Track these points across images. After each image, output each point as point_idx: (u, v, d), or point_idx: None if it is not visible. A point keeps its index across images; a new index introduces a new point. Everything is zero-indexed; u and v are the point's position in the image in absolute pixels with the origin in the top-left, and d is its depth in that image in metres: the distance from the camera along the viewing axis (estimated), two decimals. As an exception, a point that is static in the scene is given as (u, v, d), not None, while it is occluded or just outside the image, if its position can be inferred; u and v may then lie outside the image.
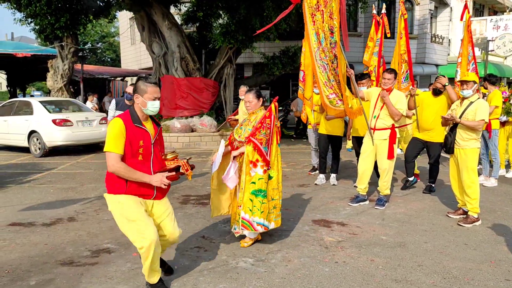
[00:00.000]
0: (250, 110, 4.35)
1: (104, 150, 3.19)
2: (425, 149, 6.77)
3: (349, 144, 11.53)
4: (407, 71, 7.22)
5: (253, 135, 4.16)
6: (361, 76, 6.82)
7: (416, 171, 7.51)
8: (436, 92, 6.43)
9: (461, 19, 7.78)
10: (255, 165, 4.15)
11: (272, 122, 4.23)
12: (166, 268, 3.78)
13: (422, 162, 8.32)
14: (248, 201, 4.17)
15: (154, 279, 3.42)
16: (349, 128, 7.24)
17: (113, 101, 6.77)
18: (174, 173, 3.36)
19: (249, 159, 4.15)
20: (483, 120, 5.11)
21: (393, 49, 7.84)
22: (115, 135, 3.15)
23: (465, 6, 7.71)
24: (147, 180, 3.25)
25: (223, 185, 4.42)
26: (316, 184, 7.40)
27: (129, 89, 6.49)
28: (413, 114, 6.89)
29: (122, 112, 6.24)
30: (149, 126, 3.36)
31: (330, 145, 7.44)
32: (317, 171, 8.24)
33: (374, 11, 8.38)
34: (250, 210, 4.17)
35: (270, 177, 4.28)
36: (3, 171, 8.88)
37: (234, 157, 4.30)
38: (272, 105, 4.27)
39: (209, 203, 6.16)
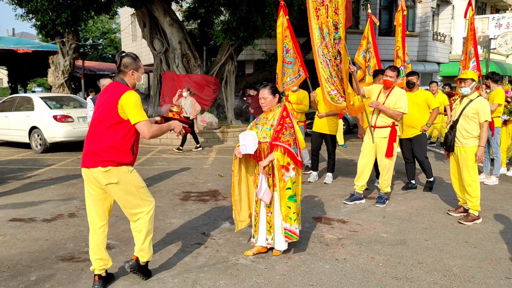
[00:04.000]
0: (266, 107, 4.04)
1: (135, 121, 3.23)
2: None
3: (341, 140, 11.55)
4: (400, 67, 7.22)
5: (278, 139, 3.87)
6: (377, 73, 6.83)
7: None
8: (408, 85, 6.57)
9: (465, 16, 7.74)
10: (287, 169, 3.87)
11: (292, 120, 3.98)
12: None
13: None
14: (286, 209, 3.92)
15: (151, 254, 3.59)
16: (360, 126, 6.98)
17: (89, 101, 6.40)
18: (187, 126, 3.70)
19: (280, 164, 3.85)
20: (487, 121, 5.11)
21: (388, 46, 7.84)
22: (140, 104, 3.28)
23: (469, 3, 7.65)
24: (171, 127, 3.57)
25: (244, 195, 4.24)
26: (309, 181, 7.40)
27: (106, 82, 6.32)
28: None
29: None
30: None
31: (325, 143, 7.42)
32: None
33: (369, 11, 8.40)
34: (290, 218, 3.94)
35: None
36: (4, 166, 8.89)
37: (263, 167, 3.95)
38: (287, 103, 4.05)
39: (209, 200, 6.18)
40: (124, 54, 3.42)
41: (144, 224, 3.48)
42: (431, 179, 6.79)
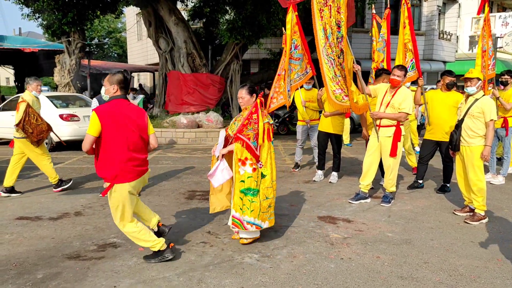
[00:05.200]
0: (243, 105, 4.37)
1: (152, 132, 3.87)
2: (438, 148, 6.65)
3: (346, 139, 11.50)
4: (411, 60, 7.11)
5: (241, 132, 4.15)
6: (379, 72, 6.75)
7: (415, 164, 7.60)
8: (449, 86, 6.31)
9: (478, 13, 7.63)
10: (244, 163, 4.10)
11: (259, 117, 4.18)
12: None
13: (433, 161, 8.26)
14: (238, 199, 4.15)
15: None
16: (364, 125, 6.86)
17: (95, 100, 6.49)
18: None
19: (237, 157, 4.11)
20: (493, 120, 5.08)
21: (395, 45, 7.76)
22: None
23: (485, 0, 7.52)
24: None
25: (224, 184, 4.40)
26: (314, 180, 7.39)
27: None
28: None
29: None
30: None
31: (330, 142, 7.39)
32: (298, 169, 8.38)
33: (374, 11, 8.39)
34: (240, 209, 4.16)
35: (263, 176, 4.20)
36: (10, 165, 8.93)
37: (223, 155, 4.23)
38: (258, 100, 4.25)
39: (215, 199, 6.19)
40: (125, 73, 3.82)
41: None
42: (448, 185, 6.67)
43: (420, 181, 6.84)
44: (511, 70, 7.72)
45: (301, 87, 7.74)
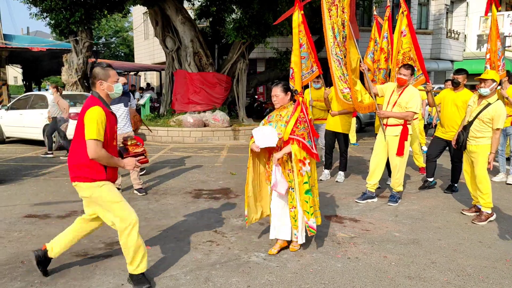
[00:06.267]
0: (278, 104, 4.10)
1: (87, 137, 3.17)
2: (447, 148, 6.60)
3: (353, 139, 11.46)
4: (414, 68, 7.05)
5: (293, 133, 3.93)
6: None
7: (422, 164, 7.55)
8: (455, 84, 6.23)
9: (486, 13, 7.55)
10: (304, 163, 3.93)
11: (306, 115, 4.05)
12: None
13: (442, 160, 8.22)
14: (303, 203, 3.97)
15: (143, 267, 3.45)
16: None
17: None
18: (143, 157, 3.64)
19: (297, 159, 3.90)
20: (499, 129, 5.04)
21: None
22: (99, 121, 3.19)
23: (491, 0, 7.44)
24: (121, 165, 3.42)
25: (257, 191, 4.29)
26: (321, 180, 7.36)
27: (120, 79, 6.58)
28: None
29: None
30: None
31: (337, 141, 7.36)
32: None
33: (375, 12, 8.29)
34: (308, 212, 3.98)
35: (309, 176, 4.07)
36: (19, 164, 9.01)
37: (278, 159, 3.99)
38: (300, 98, 4.12)
39: (221, 198, 6.19)
40: (95, 65, 3.51)
41: (121, 240, 3.44)
42: (455, 184, 6.61)
43: (431, 179, 6.78)
44: (508, 70, 7.68)
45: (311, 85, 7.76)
